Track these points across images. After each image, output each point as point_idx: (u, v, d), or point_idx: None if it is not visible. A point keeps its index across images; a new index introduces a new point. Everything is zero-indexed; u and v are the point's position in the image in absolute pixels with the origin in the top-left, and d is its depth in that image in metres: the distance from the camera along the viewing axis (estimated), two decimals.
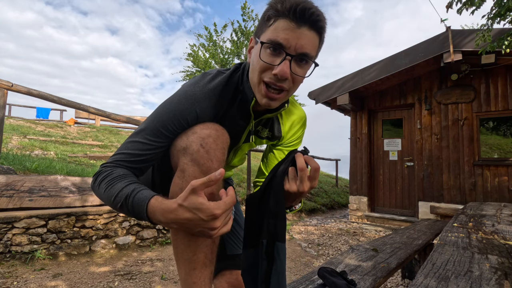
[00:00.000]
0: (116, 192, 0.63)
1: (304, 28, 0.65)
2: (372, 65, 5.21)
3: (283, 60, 0.66)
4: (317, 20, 0.65)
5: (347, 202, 6.99)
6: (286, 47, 0.65)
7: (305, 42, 0.66)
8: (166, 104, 0.73)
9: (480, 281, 0.86)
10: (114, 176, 0.66)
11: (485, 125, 4.77)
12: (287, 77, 0.67)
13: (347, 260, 1.34)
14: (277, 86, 0.69)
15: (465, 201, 4.58)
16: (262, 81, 0.70)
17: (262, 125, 0.89)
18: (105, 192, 0.65)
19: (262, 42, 0.67)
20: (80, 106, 3.52)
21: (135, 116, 13.04)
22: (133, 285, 2.11)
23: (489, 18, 3.54)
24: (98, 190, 0.68)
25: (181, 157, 0.68)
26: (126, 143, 0.72)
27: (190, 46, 11.17)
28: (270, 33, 0.66)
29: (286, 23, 0.64)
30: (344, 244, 3.77)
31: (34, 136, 7.05)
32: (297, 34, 0.65)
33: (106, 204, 0.68)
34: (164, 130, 0.70)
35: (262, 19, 0.70)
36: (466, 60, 4.53)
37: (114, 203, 0.64)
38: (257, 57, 0.69)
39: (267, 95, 0.71)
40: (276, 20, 0.66)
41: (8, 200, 2.45)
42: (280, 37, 0.65)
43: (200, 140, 0.67)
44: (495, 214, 2.31)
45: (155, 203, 0.59)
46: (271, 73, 0.68)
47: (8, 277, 2.04)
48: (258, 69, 0.70)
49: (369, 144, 5.78)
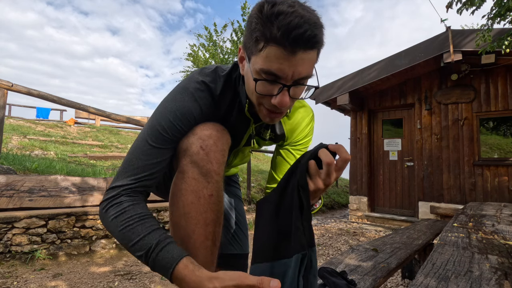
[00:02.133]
0: (136, 238, 0.58)
1: (300, 52, 0.57)
2: (372, 65, 5.21)
3: (281, 90, 0.61)
4: (313, 39, 0.57)
5: (347, 202, 6.99)
6: (282, 78, 0.59)
7: (302, 68, 0.59)
8: (168, 103, 0.69)
9: (480, 281, 0.86)
10: (132, 215, 0.60)
11: (485, 125, 4.77)
12: (288, 105, 0.63)
13: (347, 260, 1.34)
14: (278, 111, 0.67)
15: (465, 201, 4.58)
16: (263, 105, 0.67)
17: (264, 127, 0.86)
18: (120, 232, 0.59)
19: (256, 79, 0.61)
20: (80, 106, 3.52)
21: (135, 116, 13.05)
22: (133, 285, 2.11)
23: (489, 18, 3.54)
24: (109, 223, 0.61)
25: (181, 158, 0.68)
26: (135, 158, 0.65)
27: (190, 46, 11.17)
28: (262, 62, 0.59)
29: (279, 52, 0.56)
30: (344, 244, 3.77)
31: (34, 136, 7.05)
32: (293, 63, 0.57)
33: (118, 241, 0.62)
34: (173, 131, 0.67)
35: (250, 36, 0.60)
36: (466, 60, 4.52)
37: (132, 249, 0.58)
38: (252, 86, 0.63)
39: (269, 116, 0.68)
40: (266, 46, 0.57)
41: (8, 200, 2.45)
42: (274, 67, 0.58)
43: (200, 141, 0.66)
44: (495, 214, 2.31)
45: (184, 271, 0.54)
46: (270, 101, 0.64)
47: (8, 277, 2.04)
48: (255, 97, 0.65)
49: (369, 144, 5.78)
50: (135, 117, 9.60)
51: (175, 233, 0.69)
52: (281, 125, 0.87)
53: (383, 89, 5.63)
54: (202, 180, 0.66)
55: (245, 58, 0.66)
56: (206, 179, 0.66)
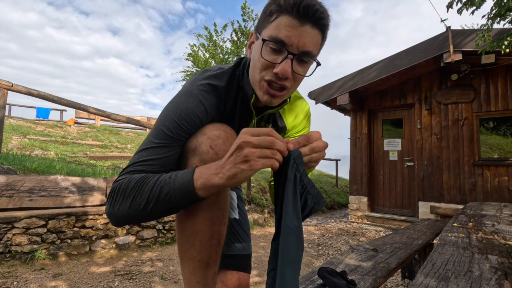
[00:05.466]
0: (149, 189, 0.58)
1: (307, 25, 0.63)
2: (372, 65, 5.21)
3: (285, 58, 0.64)
4: (321, 18, 0.63)
5: (347, 202, 6.99)
6: (288, 45, 0.63)
7: (307, 40, 0.64)
8: (173, 105, 0.71)
9: (480, 281, 0.86)
10: (137, 179, 0.60)
11: (485, 125, 4.78)
12: (289, 76, 0.66)
13: (347, 260, 1.34)
14: (278, 84, 0.68)
15: (465, 201, 4.58)
16: (263, 79, 0.69)
17: (264, 121, 0.87)
18: (134, 200, 0.59)
19: (264, 40, 0.65)
20: (80, 106, 3.52)
21: (135, 116, 13.05)
22: (133, 285, 2.11)
23: (489, 18, 3.54)
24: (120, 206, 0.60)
25: (191, 158, 0.68)
26: (140, 152, 0.67)
27: (190, 46, 11.18)
28: (272, 30, 0.64)
29: (289, 20, 0.62)
30: (344, 244, 3.78)
31: (34, 136, 7.05)
32: (300, 32, 0.63)
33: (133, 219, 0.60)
34: (179, 131, 0.68)
35: (264, 14, 0.68)
36: (466, 60, 4.53)
37: (150, 197, 0.58)
38: (258, 54, 0.67)
39: (268, 92, 0.69)
40: (279, 16, 0.63)
41: (8, 200, 2.45)
42: (282, 34, 0.63)
43: (209, 141, 0.67)
44: (495, 214, 2.31)
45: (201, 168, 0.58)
46: (273, 71, 0.66)
47: (8, 277, 2.04)
48: (259, 67, 0.68)
49: (369, 144, 5.78)
50: (135, 117, 9.60)
51: (181, 231, 0.70)
52: (281, 118, 0.90)
53: (383, 89, 5.63)
54: None
55: (254, 41, 0.72)
56: None
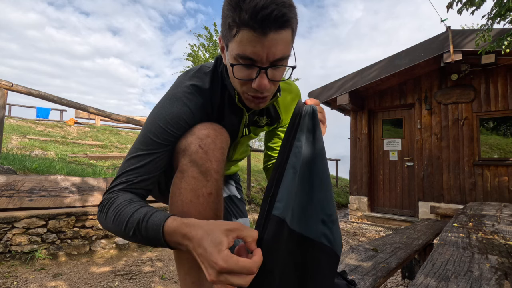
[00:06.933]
0: (126, 218, 0.59)
1: (271, 33, 0.57)
2: (372, 65, 5.21)
3: (258, 74, 0.62)
4: (281, 16, 0.56)
5: (347, 202, 6.98)
6: (257, 61, 0.60)
7: (276, 49, 0.59)
8: (159, 110, 0.71)
9: (480, 281, 0.86)
10: (120, 202, 0.62)
11: (485, 125, 4.77)
12: (268, 88, 0.64)
13: (347, 260, 1.34)
14: (261, 96, 0.68)
15: (465, 201, 4.58)
16: (246, 93, 0.68)
17: (257, 115, 0.87)
18: (114, 222, 0.60)
19: (232, 64, 0.63)
20: (80, 106, 3.52)
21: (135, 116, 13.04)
22: (133, 285, 2.11)
23: (489, 18, 3.54)
24: (105, 221, 0.63)
25: (181, 158, 0.68)
26: (129, 160, 0.68)
27: (190, 46, 11.19)
28: (237, 47, 0.60)
29: (250, 34, 0.57)
30: (344, 244, 3.78)
31: (34, 136, 7.05)
32: (265, 44, 0.58)
33: (117, 235, 0.63)
34: (166, 136, 0.68)
35: (224, 24, 0.62)
36: (466, 60, 4.53)
37: (126, 231, 0.59)
38: (231, 72, 0.65)
39: (253, 101, 0.70)
40: (239, 31, 0.58)
41: (8, 200, 2.45)
42: (248, 51, 0.59)
43: (198, 141, 0.67)
44: (495, 214, 2.31)
45: (173, 223, 0.54)
46: (251, 86, 0.65)
47: (8, 277, 2.04)
48: (237, 83, 0.67)
49: (369, 144, 5.78)
50: (135, 117, 9.59)
51: None
52: (275, 108, 0.89)
53: (383, 89, 5.63)
54: (201, 178, 0.66)
55: (224, 46, 0.68)
56: (205, 177, 0.67)
